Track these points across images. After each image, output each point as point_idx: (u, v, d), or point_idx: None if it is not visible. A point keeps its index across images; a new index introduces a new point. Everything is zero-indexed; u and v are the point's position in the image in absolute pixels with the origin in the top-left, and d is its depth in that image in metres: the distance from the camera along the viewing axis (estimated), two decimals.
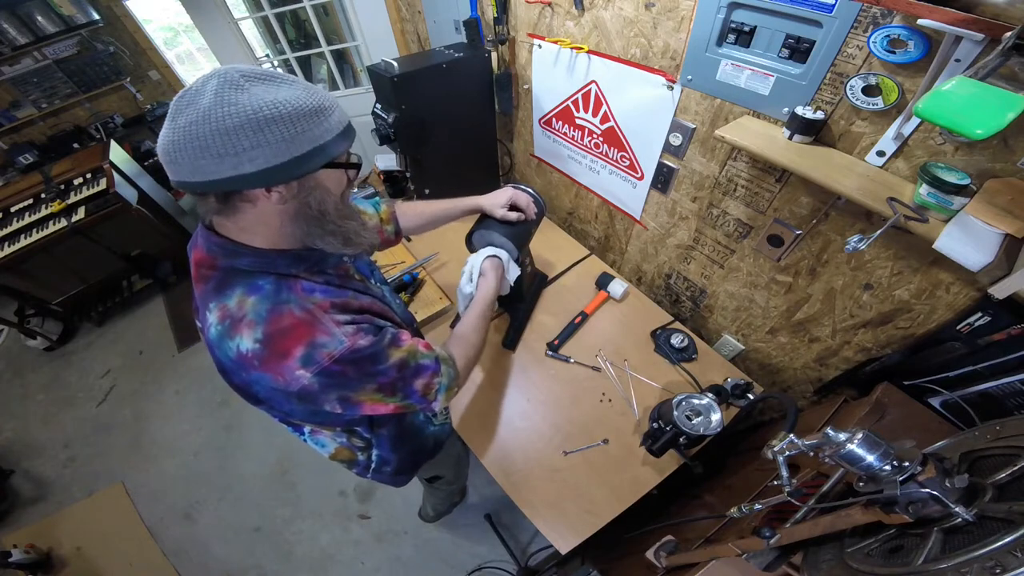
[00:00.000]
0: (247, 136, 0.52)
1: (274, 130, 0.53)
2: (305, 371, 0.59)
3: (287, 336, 0.59)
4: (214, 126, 0.51)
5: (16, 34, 3.25)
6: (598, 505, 1.05)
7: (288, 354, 0.58)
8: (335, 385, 0.62)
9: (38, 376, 2.78)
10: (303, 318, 0.60)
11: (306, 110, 0.55)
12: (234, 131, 0.51)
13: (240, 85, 0.52)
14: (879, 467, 0.49)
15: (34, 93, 3.51)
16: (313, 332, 0.59)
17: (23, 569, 1.83)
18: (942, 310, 0.89)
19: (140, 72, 3.94)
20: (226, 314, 0.60)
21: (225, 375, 0.65)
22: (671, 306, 1.60)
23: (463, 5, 1.54)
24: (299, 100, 0.55)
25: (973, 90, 0.53)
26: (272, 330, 0.59)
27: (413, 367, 0.70)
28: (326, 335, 0.60)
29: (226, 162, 0.52)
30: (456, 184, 1.76)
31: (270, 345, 0.58)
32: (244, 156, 0.52)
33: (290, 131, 0.54)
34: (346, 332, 0.61)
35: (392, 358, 0.67)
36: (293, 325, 0.59)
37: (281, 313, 0.60)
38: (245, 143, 0.52)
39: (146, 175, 3.13)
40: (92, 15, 3.45)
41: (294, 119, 0.54)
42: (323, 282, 0.67)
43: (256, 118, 0.52)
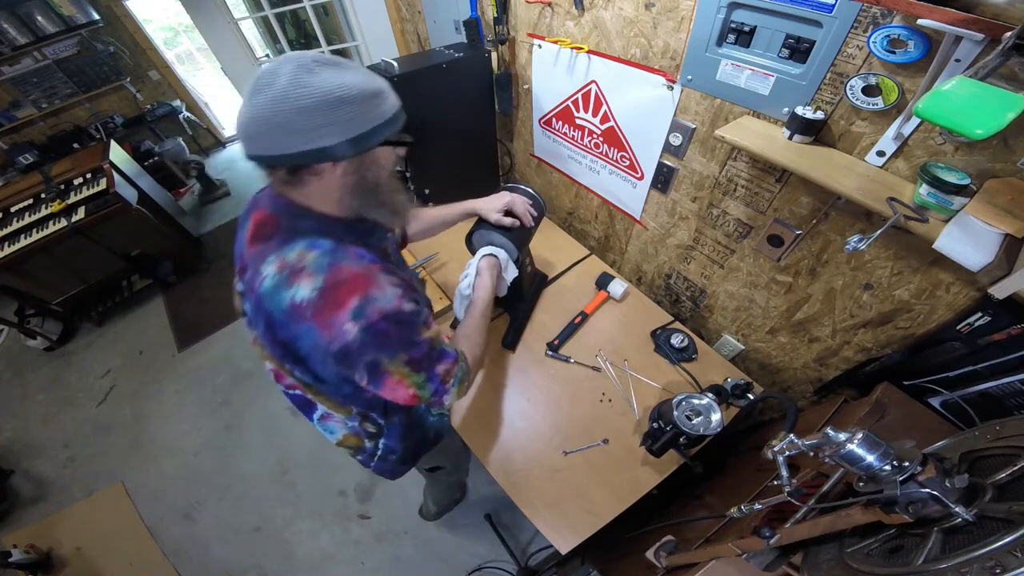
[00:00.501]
0: (322, 114, 0.58)
1: (344, 109, 0.59)
2: (353, 324, 0.62)
3: (344, 286, 0.63)
4: (292, 105, 0.57)
5: (16, 34, 3.25)
6: (598, 505, 1.05)
7: (343, 304, 0.62)
8: (374, 345, 0.64)
9: (38, 376, 2.78)
10: (361, 272, 0.65)
11: (369, 92, 0.62)
12: (310, 110, 0.57)
13: (312, 69, 0.58)
14: (879, 467, 0.49)
15: (34, 93, 3.52)
16: (369, 286, 0.64)
17: (23, 569, 1.83)
18: (942, 310, 0.89)
19: (140, 72, 3.95)
20: (285, 265, 0.64)
21: (272, 329, 0.68)
22: (671, 306, 1.60)
23: (463, 5, 1.54)
24: (363, 83, 0.61)
25: (973, 90, 0.53)
26: (331, 281, 0.63)
27: (439, 350, 0.74)
28: (379, 290, 0.65)
29: (301, 137, 0.58)
30: (456, 184, 1.77)
31: (327, 294, 0.62)
32: (317, 133, 0.59)
33: (357, 110, 0.60)
34: (396, 293, 0.66)
35: (424, 333, 0.71)
36: (351, 277, 0.64)
37: (340, 265, 0.64)
38: (319, 120, 0.58)
39: (146, 175, 3.13)
40: (92, 15, 3.45)
41: (360, 100, 0.60)
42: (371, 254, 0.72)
43: (329, 99, 0.58)
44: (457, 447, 1.40)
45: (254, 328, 0.73)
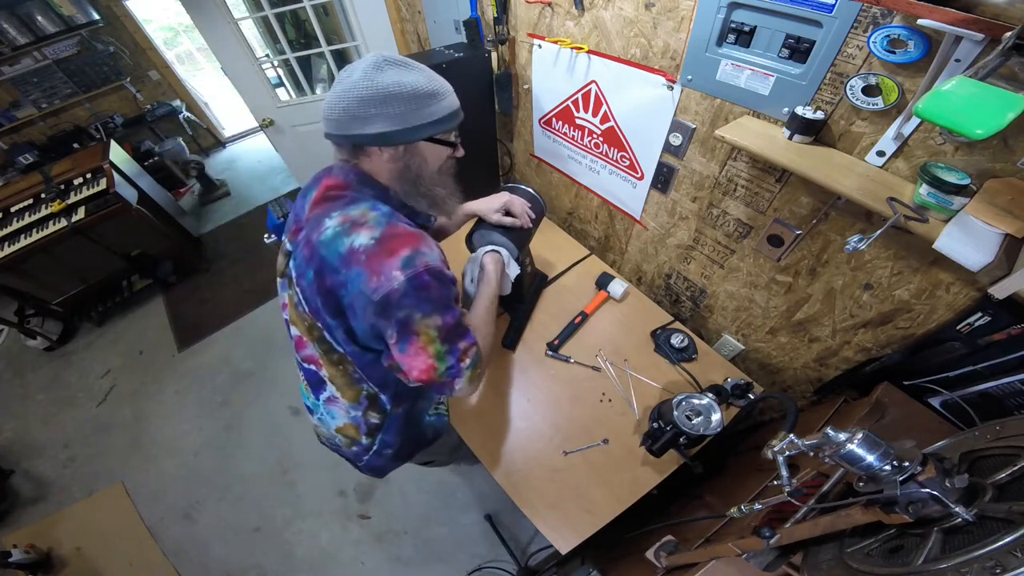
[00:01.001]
0: (374, 106, 0.70)
1: (394, 104, 0.70)
2: (401, 272, 0.68)
3: (399, 239, 0.71)
4: (355, 95, 0.69)
5: (16, 34, 3.26)
6: (598, 505, 1.05)
7: (395, 252, 0.70)
8: (415, 296, 0.70)
9: (38, 376, 2.78)
10: (414, 232, 0.75)
11: (422, 93, 0.72)
12: (367, 100, 0.69)
13: (380, 67, 0.70)
14: (879, 467, 0.49)
15: (34, 93, 3.52)
16: (419, 242, 0.72)
17: (23, 569, 1.83)
18: (942, 310, 0.89)
19: (140, 72, 3.95)
20: (348, 219, 0.73)
21: (322, 275, 0.74)
22: (671, 306, 1.60)
23: (463, 5, 1.54)
24: (418, 84, 0.71)
25: (973, 90, 0.53)
26: (388, 233, 0.72)
27: (464, 326, 0.79)
28: (428, 248, 0.73)
29: (358, 122, 0.71)
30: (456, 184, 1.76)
31: (382, 243, 0.70)
32: (370, 120, 0.71)
33: (406, 107, 0.71)
34: (438, 256, 0.75)
35: (455, 304, 0.77)
36: (405, 234, 0.73)
37: (396, 224, 0.74)
38: (372, 111, 0.70)
39: (146, 175, 3.13)
40: (92, 15, 3.45)
41: (410, 98, 0.71)
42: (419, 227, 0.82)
43: (383, 93, 0.69)
44: (454, 443, 1.40)
45: (297, 284, 0.80)
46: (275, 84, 2.77)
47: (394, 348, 0.74)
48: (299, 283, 0.79)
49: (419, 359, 0.74)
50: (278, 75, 2.97)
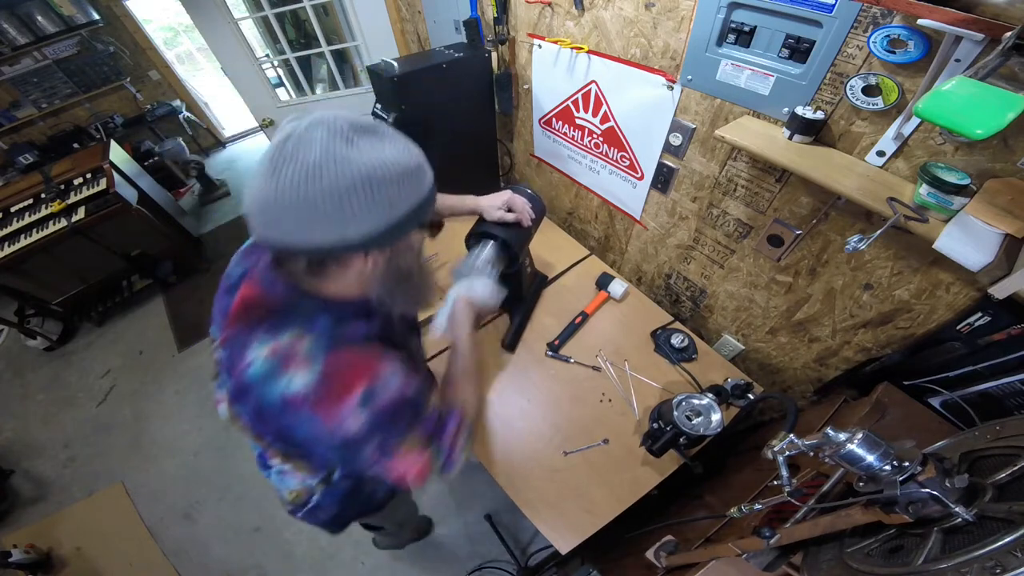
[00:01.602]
0: (359, 199, 0.48)
1: (385, 192, 0.50)
2: (361, 411, 0.55)
3: (348, 371, 0.56)
4: (326, 184, 0.46)
5: (16, 34, 3.25)
6: (598, 505, 1.05)
7: (349, 390, 0.55)
8: (386, 426, 0.58)
9: (38, 376, 2.78)
10: (364, 354, 0.59)
11: (411, 168, 0.53)
12: (347, 192, 0.47)
13: (349, 139, 0.48)
14: (879, 467, 0.49)
15: (34, 93, 3.52)
16: (374, 367, 0.58)
17: (23, 569, 1.83)
18: (942, 310, 0.89)
19: (140, 72, 3.95)
20: (277, 351, 0.55)
21: (262, 419, 0.59)
22: (671, 306, 1.60)
23: (463, 5, 1.54)
24: (403, 158, 0.52)
25: (973, 90, 0.53)
26: (331, 369, 0.55)
27: (443, 417, 0.69)
28: (385, 372, 0.58)
29: (332, 224, 0.49)
30: (456, 184, 1.76)
31: (327, 383, 0.55)
32: (351, 221, 0.49)
33: (397, 193, 0.51)
34: (401, 379, 0.60)
35: (429, 409, 0.66)
36: (355, 361, 0.57)
37: (341, 350, 0.57)
38: (356, 207, 0.48)
39: (146, 175, 3.13)
40: (92, 15, 3.45)
41: (400, 179, 0.51)
42: (378, 326, 0.66)
43: (370, 179, 0.48)
44: (402, 518, 1.34)
45: (236, 408, 0.63)
46: (275, 84, 2.77)
47: (375, 466, 0.60)
48: (236, 407, 0.63)
49: (408, 466, 0.62)
50: (278, 75, 2.97)
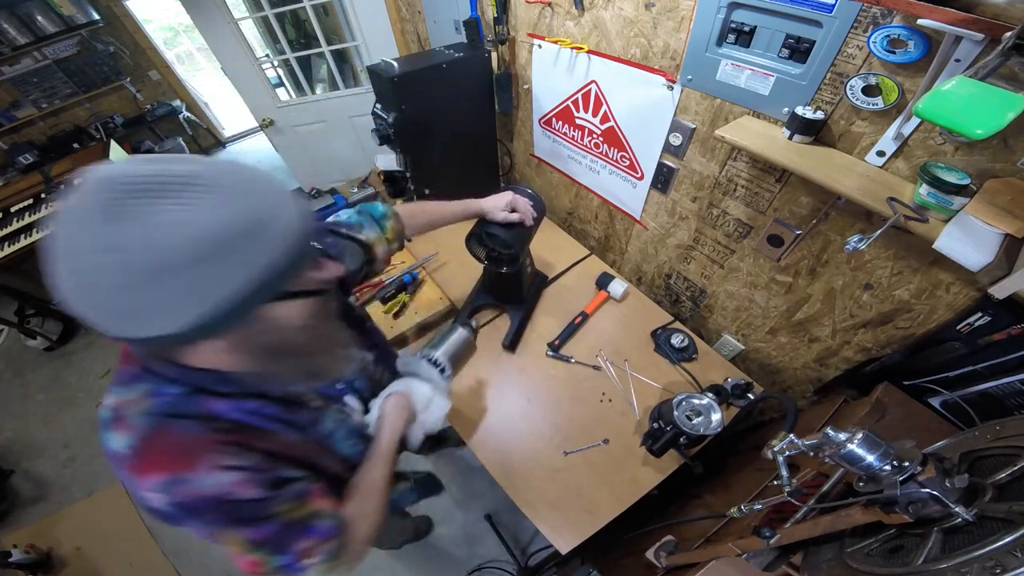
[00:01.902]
0: (149, 294, 0.38)
1: (184, 277, 0.38)
2: (160, 496, 0.50)
3: (156, 459, 0.50)
4: (100, 281, 0.37)
5: (16, 34, 3.25)
6: (598, 505, 1.05)
7: (147, 474, 0.50)
8: (195, 519, 0.52)
9: (38, 376, 2.78)
10: (181, 446, 0.50)
11: (234, 233, 0.39)
12: (127, 290, 0.37)
13: (124, 208, 0.36)
14: (879, 467, 0.49)
15: (34, 93, 3.52)
16: (182, 466, 0.50)
17: (23, 569, 1.83)
18: (942, 310, 0.89)
19: (140, 72, 3.95)
20: (119, 406, 0.52)
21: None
22: (671, 306, 1.60)
23: (463, 5, 1.54)
24: (217, 222, 0.38)
25: (973, 90, 0.53)
26: (143, 445, 0.50)
27: (304, 527, 0.59)
28: (197, 473, 0.50)
29: (138, 324, 0.40)
30: (456, 184, 1.77)
31: (136, 456, 0.50)
32: (157, 316, 0.40)
33: (207, 275, 0.39)
34: (227, 478, 0.51)
35: (280, 516, 0.56)
36: (164, 451, 0.50)
37: (160, 433, 0.50)
38: (149, 303, 0.38)
39: None
40: (92, 15, 3.45)
41: (208, 259, 0.38)
42: (251, 409, 0.57)
43: (151, 269, 0.37)
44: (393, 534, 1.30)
45: None
46: (275, 84, 2.77)
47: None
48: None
49: (235, 558, 0.56)
50: (278, 75, 2.97)
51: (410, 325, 1.43)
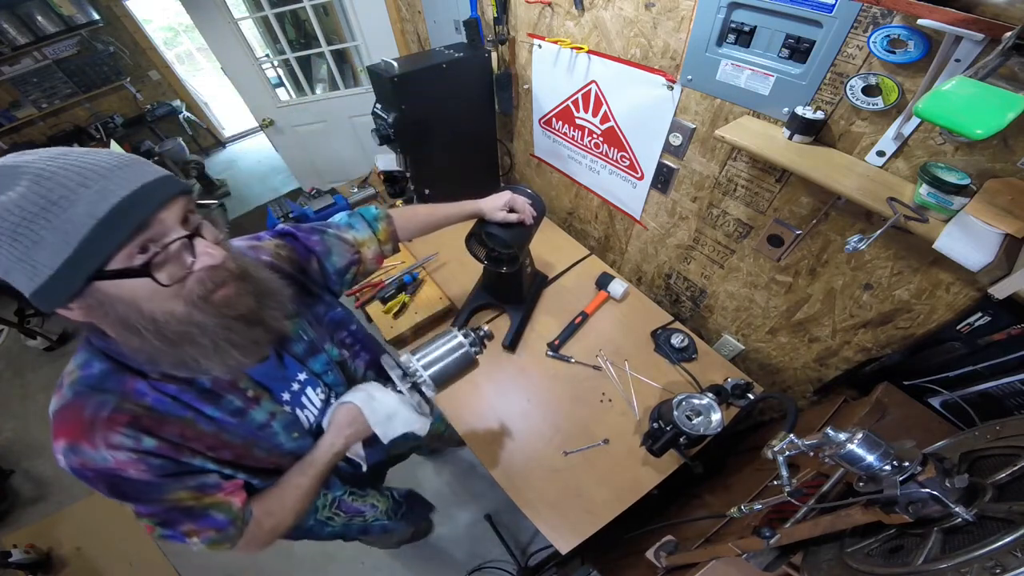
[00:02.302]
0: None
1: (3, 249, 0.43)
2: (62, 458, 0.55)
3: (62, 425, 0.55)
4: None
5: (16, 34, 3.26)
6: (598, 505, 1.05)
7: (56, 436, 0.55)
8: (89, 483, 0.57)
9: (38, 376, 2.78)
10: (82, 422, 0.54)
11: (23, 214, 0.42)
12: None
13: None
14: (879, 467, 0.49)
15: (34, 93, 3.52)
16: (79, 437, 0.54)
17: (23, 569, 1.83)
18: (942, 310, 0.89)
19: (140, 72, 3.95)
20: (63, 374, 0.58)
21: None
22: (671, 306, 1.60)
23: (463, 5, 1.54)
24: (7, 204, 0.42)
25: (973, 90, 0.53)
26: (60, 412, 0.55)
27: (195, 515, 0.62)
28: (90, 447, 0.54)
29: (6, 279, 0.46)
30: (456, 184, 1.77)
31: (55, 419, 0.56)
32: (10, 277, 0.45)
33: (14, 246, 0.43)
34: (116, 456, 0.55)
35: (170, 498, 0.60)
36: (69, 421, 0.55)
37: (73, 404, 0.55)
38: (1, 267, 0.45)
39: None
40: (92, 15, 3.45)
41: (11, 232, 0.42)
42: (171, 393, 0.59)
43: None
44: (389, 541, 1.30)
45: None
46: (275, 84, 2.77)
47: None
48: None
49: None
50: (278, 75, 2.97)
51: (410, 325, 1.43)
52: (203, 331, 0.54)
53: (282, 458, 0.75)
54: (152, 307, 0.50)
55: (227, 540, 0.67)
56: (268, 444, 0.72)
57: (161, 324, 0.51)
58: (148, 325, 0.50)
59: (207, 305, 0.53)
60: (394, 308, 1.47)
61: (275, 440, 0.72)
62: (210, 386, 0.63)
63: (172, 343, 0.53)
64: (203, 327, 0.53)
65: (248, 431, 0.68)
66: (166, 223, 0.49)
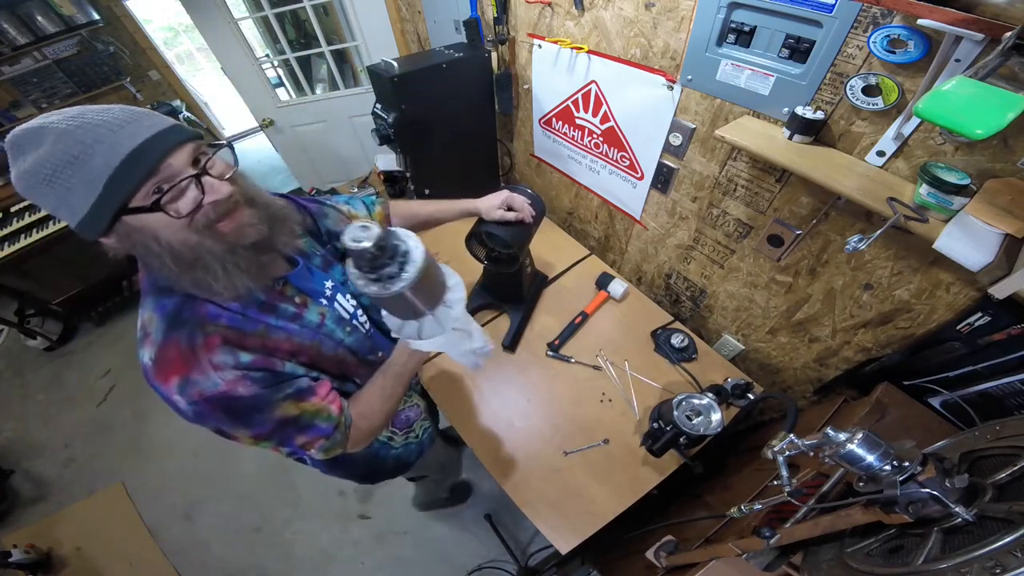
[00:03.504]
0: (42, 201, 0.54)
1: (44, 195, 0.53)
2: (180, 398, 0.60)
3: (168, 365, 0.60)
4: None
5: (16, 34, 3.25)
6: (598, 505, 1.05)
7: (168, 380, 0.60)
8: (208, 418, 0.62)
9: (38, 376, 2.78)
10: (183, 353, 0.60)
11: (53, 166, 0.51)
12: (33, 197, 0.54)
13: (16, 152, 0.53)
14: (879, 467, 0.49)
15: (34, 93, 3.51)
16: (188, 369, 0.59)
17: (23, 569, 1.83)
18: (942, 310, 0.89)
19: (140, 72, 3.94)
20: (141, 325, 0.63)
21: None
22: (671, 306, 1.60)
23: (463, 5, 1.54)
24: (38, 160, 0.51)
25: (973, 90, 0.53)
26: (159, 355, 0.60)
27: (303, 425, 0.68)
28: (200, 374, 0.60)
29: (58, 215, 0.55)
30: (456, 184, 1.77)
31: (156, 367, 0.60)
32: (59, 214, 0.54)
33: (51, 191, 0.52)
34: (224, 376, 0.60)
35: (278, 411, 0.66)
36: (173, 358, 0.60)
37: (168, 342, 0.60)
38: (48, 207, 0.54)
39: None
40: (92, 15, 3.45)
41: (47, 180, 0.51)
42: (236, 310, 0.65)
43: (27, 189, 0.53)
44: (442, 462, 1.36)
45: None
46: (275, 84, 2.77)
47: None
48: None
49: (260, 446, 0.68)
50: (278, 75, 2.97)
51: None
52: (213, 256, 0.59)
53: (347, 355, 0.80)
54: (168, 236, 0.57)
55: (337, 445, 0.73)
56: (331, 341, 0.77)
57: (176, 251, 0.58)
58: (165, 252, 0.58)
59: (215, 234, 0.59)
60: None
61: (335, 336, 0.78)
62: (264, 299, 0.68)
63: (187, 267, 0.59)
64: (212, 252, 0.59)
65: (310, 332, 0.73)
66: (174, 166, 0.55)
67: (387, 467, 1.07)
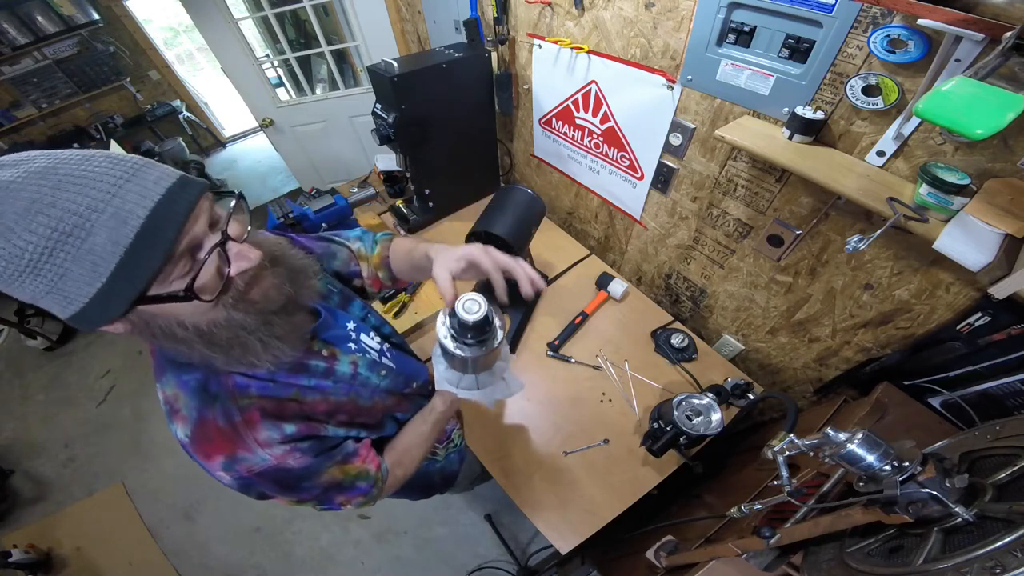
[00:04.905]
0: (22, 290, 0.39)
1: (27, 284, 0.38)
2: (225, 474, 0.57)
3: (210, 443, 0.55)
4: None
5: (16, 34, 3.26)
6: (598, 505, 1.05)
7: (211, 457, 0.56)
8: (255, 487, 0.61)
9: (38, 376, 2.78)
10: (223, 431, 0.55)
11: (39, 248, 0.37)
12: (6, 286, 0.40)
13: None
14: (879, 467, 0.49)
15: (34, 93, 3.52)
16: (232, 447, 0.55)
17: (23, 569, 1.83)
18: (942, 310, 0.89)
19: (140, 72, 3.95)
20: (167, 400, 0.57)
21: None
22: (671, 306, 1.60)
23: (463, 5, 1.54)
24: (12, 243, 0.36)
25: (973, 90, 0.53)
26: (198, 433, 0.55)
27: (345, 487, 0.68)
28: (247, 452, 0.55)
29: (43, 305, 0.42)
30: (456, 184, 1.77)
31: (196, 444, 0.56)
32: (47, 305, 0.41)
33: (38, 281, 0.38)
34: (273, 452, 0.57)
35: (325, 477, 0.64)
36: (213, 437, 0.55)
37: (205, 419, 0.55)
38: (32, 296, 0.40)
39: None
40: (92, 15, 3.45)
41: (28, 270, 0.37)
42: (266, 378, 0.59)
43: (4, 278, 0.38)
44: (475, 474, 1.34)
45: None
46: (275, 84, 2.77)
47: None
48: None
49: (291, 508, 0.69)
50: (278, 75, 2.97)
51: (410, 324, 1.44)
52: (248, 331, 0.52)
53: (385, 399, 0.78)
54: (195, 320, 0.48)
55: (371, 500, 0.74)
56: (366, 390, 0.74)
57: (207, 333, 0.49)
58: (193, 336, 0.49)
59: (245, 304, 0.52)
60: (394, 308, 1.47)
61: (370, 383, 0.74)
62: (291, 360, 0.61)
63: (222, 349, 0.51)
64: (247, 327, 0.52)
65: (344, 387, 0.69)
66: (195, 233, 0.45)
67: (435, 481, 1.08)
